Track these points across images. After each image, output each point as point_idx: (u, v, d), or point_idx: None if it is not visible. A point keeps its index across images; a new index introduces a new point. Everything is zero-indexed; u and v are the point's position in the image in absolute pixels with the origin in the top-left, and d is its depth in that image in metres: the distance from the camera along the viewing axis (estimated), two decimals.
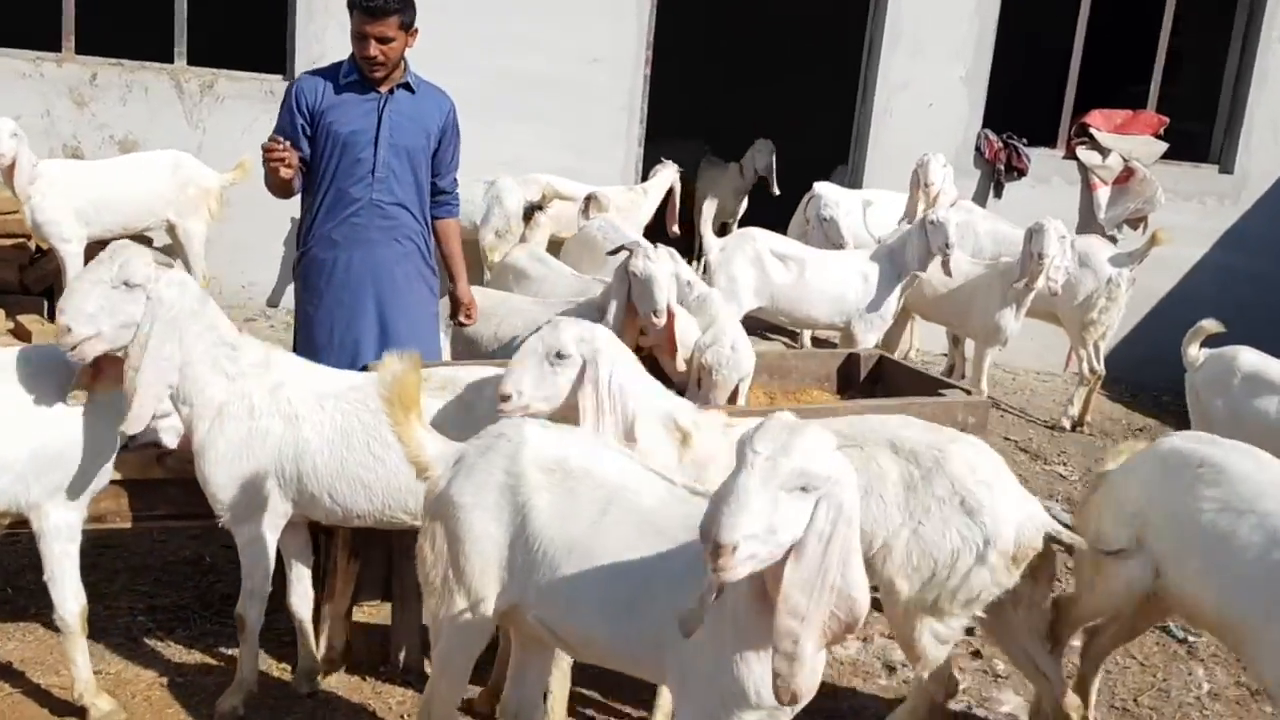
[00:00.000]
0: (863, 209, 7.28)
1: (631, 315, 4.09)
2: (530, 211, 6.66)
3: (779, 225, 6.94)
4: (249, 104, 6.94)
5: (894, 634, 3.27)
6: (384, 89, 3.84)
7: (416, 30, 3.84)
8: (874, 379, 4.48)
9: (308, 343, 3.96)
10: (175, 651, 3.57)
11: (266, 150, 3.67)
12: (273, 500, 3.14)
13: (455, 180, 4.20)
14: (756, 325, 6.35)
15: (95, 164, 6.41)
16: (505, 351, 4.33)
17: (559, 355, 2.94)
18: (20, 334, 5.71)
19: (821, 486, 1.98)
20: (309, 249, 3.94)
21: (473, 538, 2.48)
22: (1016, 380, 7.79)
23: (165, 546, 4.25)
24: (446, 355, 4.60)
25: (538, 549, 2.42)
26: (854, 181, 7.80)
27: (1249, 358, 4.49)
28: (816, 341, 7.38)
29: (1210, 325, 4.70)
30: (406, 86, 3.90)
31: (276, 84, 6.97)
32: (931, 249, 5.73)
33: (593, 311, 4.17)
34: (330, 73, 3.87)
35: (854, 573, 2.04)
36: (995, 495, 2.97)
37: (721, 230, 9.22)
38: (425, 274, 4.08)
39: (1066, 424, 6.64)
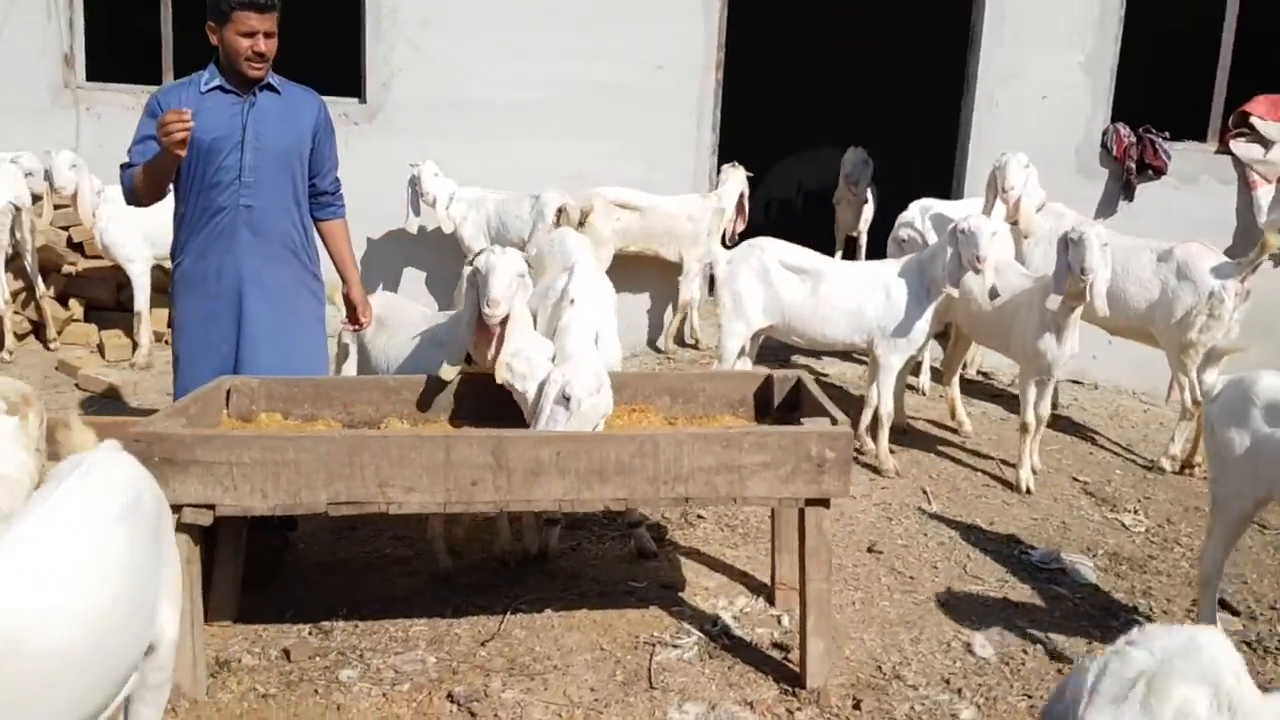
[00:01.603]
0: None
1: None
2: (578, 225, 6.51)
3: None
4: None
5: None
6: (247, 94, 3.83)
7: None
8: (791, 404, 3.96)
9: (182, 352, 4.00)
10: None
11: (169, 122, 3.50)
12: None
13: (337, 180, 4.14)
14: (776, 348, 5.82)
15: None
16: (411, 360, 4.21)
17: None
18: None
19: None
20: (181, 260, 3.98)
21: None
22: (1120, 405, 6.72)
23: None
24: (349, 357, 4.53)
25: None
26: (954, 190, 7.02)
27: (1271, 383, 3.57)
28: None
29: (1228, 345, 3.78)
30: (270, 89, 3.88)
31: (351, 106, 7.20)
32: (963, 262, 5.03)
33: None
34: (189, 84, 3.89)
35: None
36: None
37: (848, 247, 8.66)
38: (305, 278, 4.03)
39: (1167, 465, 5.60)
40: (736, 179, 7.05)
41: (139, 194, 3.87)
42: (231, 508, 3.16)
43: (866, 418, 5.52)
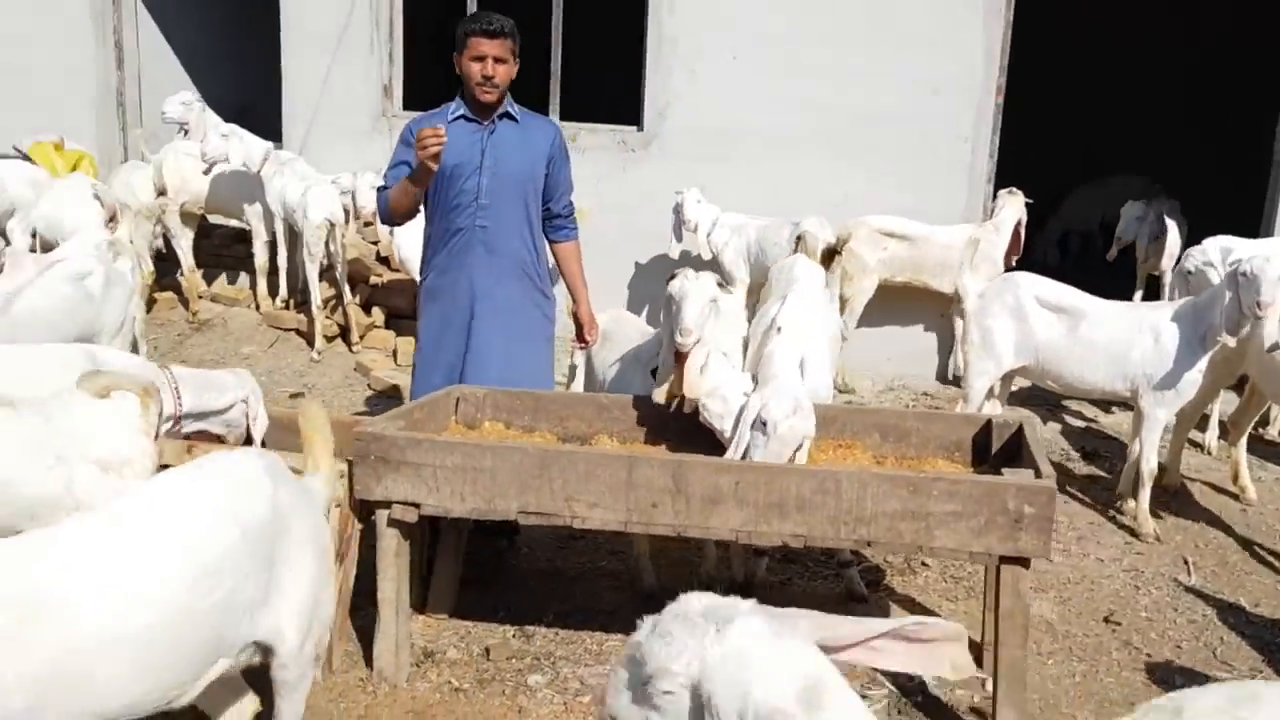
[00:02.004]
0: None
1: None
2: (829, 255, 6.43)
3: None
4: (605, 154, 7.54)
5: None
6: (487, 121, 4.11)
7: (518, 62, 4.08)
8: (1011, 453, 3.72)
9: (419, 360, 4.34)
10: None
11: (425, 137, 3.75)
12: None
13: (570, 204, 4.35)
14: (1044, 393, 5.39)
15: None
16: (617, 378, 4.35)
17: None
18: None
19: None
20: (426, 276, 4.32)
21: None
22: None
23: None
24: (577, 373, 4.70)
25: None
26: (1264, 226, 6.29)
27: None
28: None
29: None
30: (510, 117, 4.14)
31: (629, 135, 7.48)
32: (1243, 308, 4.53)
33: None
34: (438, 114, 4.21)
35: None
36: None
37: (1149, 286, 8.00)
38: (535, 296, 4.26)
39: None
40: (1014, 206, 6.69)
41: (393, 213, 4.20)
42: (434, 508, 3.39)
43: (1128, 474, 5.06)
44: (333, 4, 7.96)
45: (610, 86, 8.42)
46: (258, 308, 7.76)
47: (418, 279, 6.97)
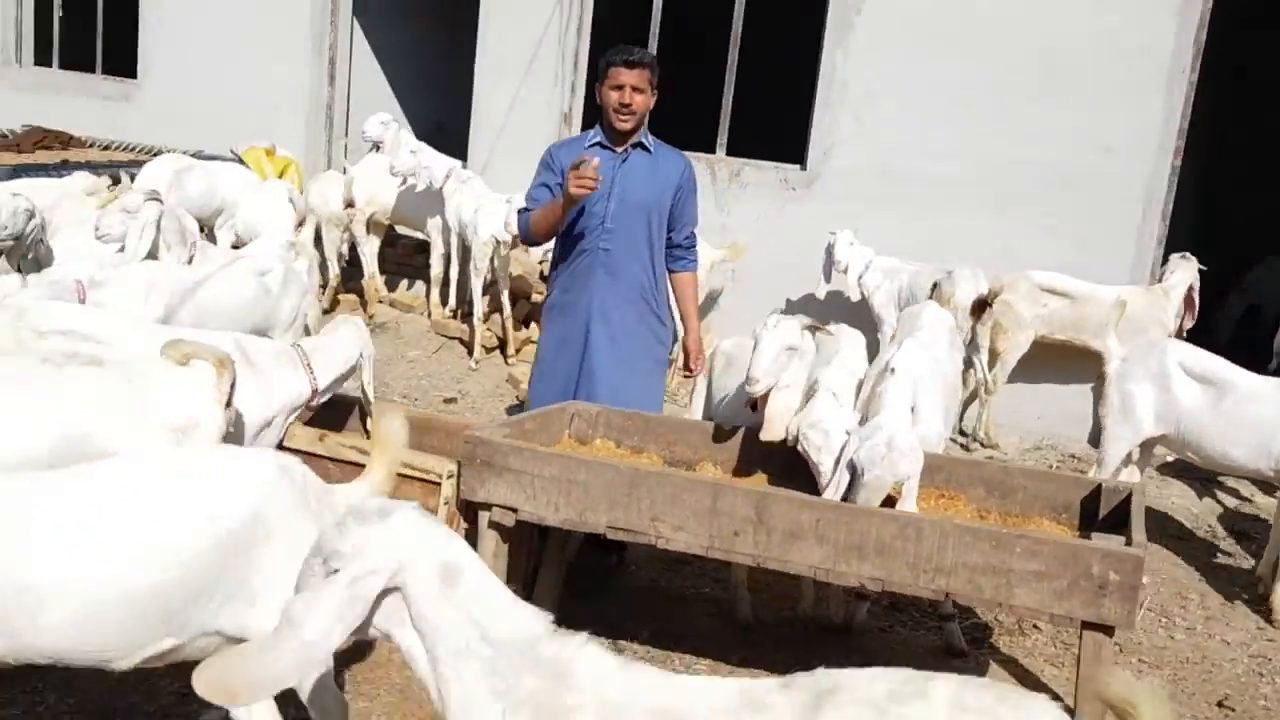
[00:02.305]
0: None
1: None
2: (980, 306, 6.34)
3: None
4: (767, 190, 7.65)
5: None
6: (621, 149, 4.30)
7: (656, 92, 4.27)
8: (1119, 519, 3.61)
9: (535, 374, 4.58)
10: None
11: (585, 175, 3.94)
12: None
13: (692, 235, 4.49)
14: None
15: None
16: (729, 405, 4.45)
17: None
18: None
19: None
20: (550, 293, 4.54)
21: None
22: None
23: None
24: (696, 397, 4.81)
25: None
26: None
27: None
28: None
29: None
30: (643, 147, 4.32)
31: (792, 173, 7.57)
32: None
33: None
34: (578, 140, 4.44)
35: None
36: None
37: None
38: (650, 320, 4.41)
39: None
40: (1185, 271, 6.42)
41: (533, 234, 4.43)
42: (530, 514, 3.57)
43: (1268, 556, 4.79)
44: (525, 35, 8.40)
45: (776, 123, 8.54)
46: (429, 315, 8.22)
47: None
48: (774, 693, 1.81)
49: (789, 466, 3.98)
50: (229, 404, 3.23)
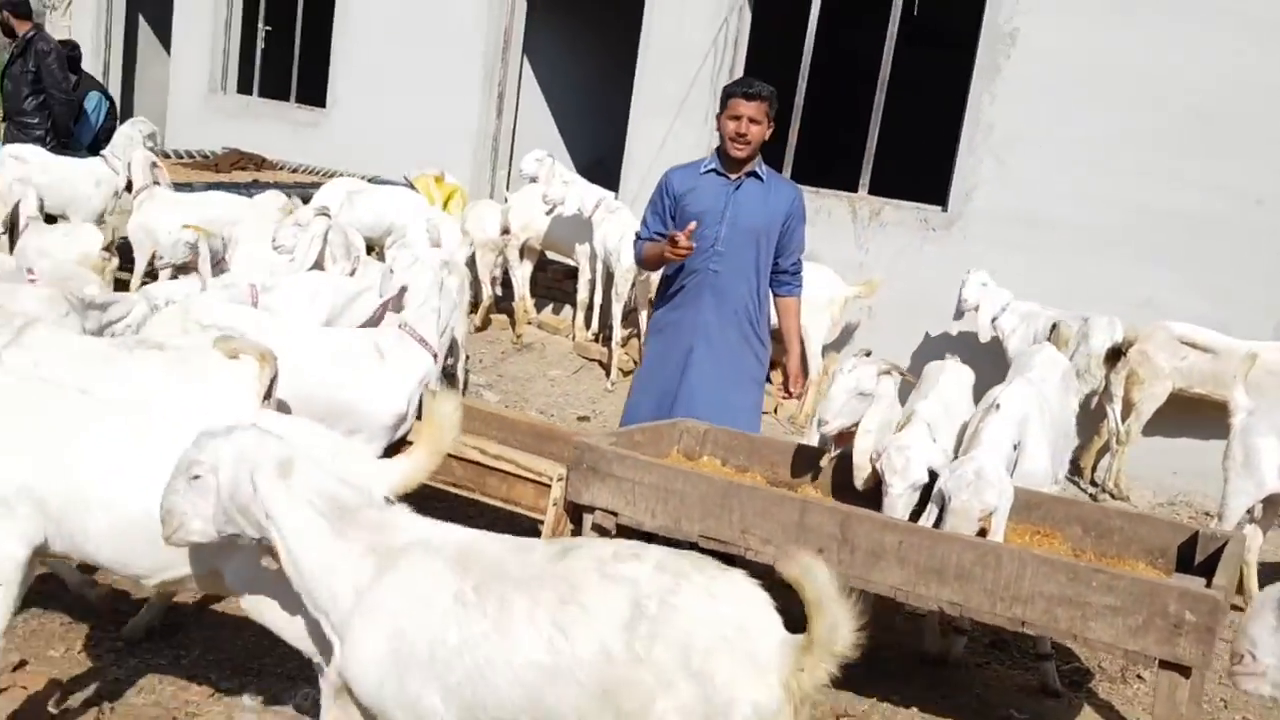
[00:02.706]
0: None
1: None
2: (1114, 355, 6.27)
3: None
4: (906, 230, 7.72)
5: None
6: (735, 177, 4.50)
7: (773, 123, 4.48)
8: (1211, 564, 3.60)
9: (634, 385, 4.83)
10: None
11: (681, 247, 4.30)
12: None
13: (799, 262, 4.65)
14: None
15: None
16: None
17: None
18: None
19: None
20: (657, 309, 4.78)
21: None
22: None
23: None
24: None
25: None
26: None
27: None
28: None
29: None
30: (756, 176, 4.52)
31: (932, 214, 7.62)
32: None
33: None
34: (693, 166, 4.67)
35: None
36: None
37: None
38: (752, 342, 4.59)
39: None
40: None
41: (644, 263, 4.76)
42: (629, 519, 3.81)
43: None
44: (679, 73, 8.74)
45: (919, 163, 8.60)
46: (573, 337, 8.60)
47: None
48: (538, 545, 2.45)
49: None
50: (269, 395, 3.58)
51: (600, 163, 10.58)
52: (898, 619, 4.41)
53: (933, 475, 3.82)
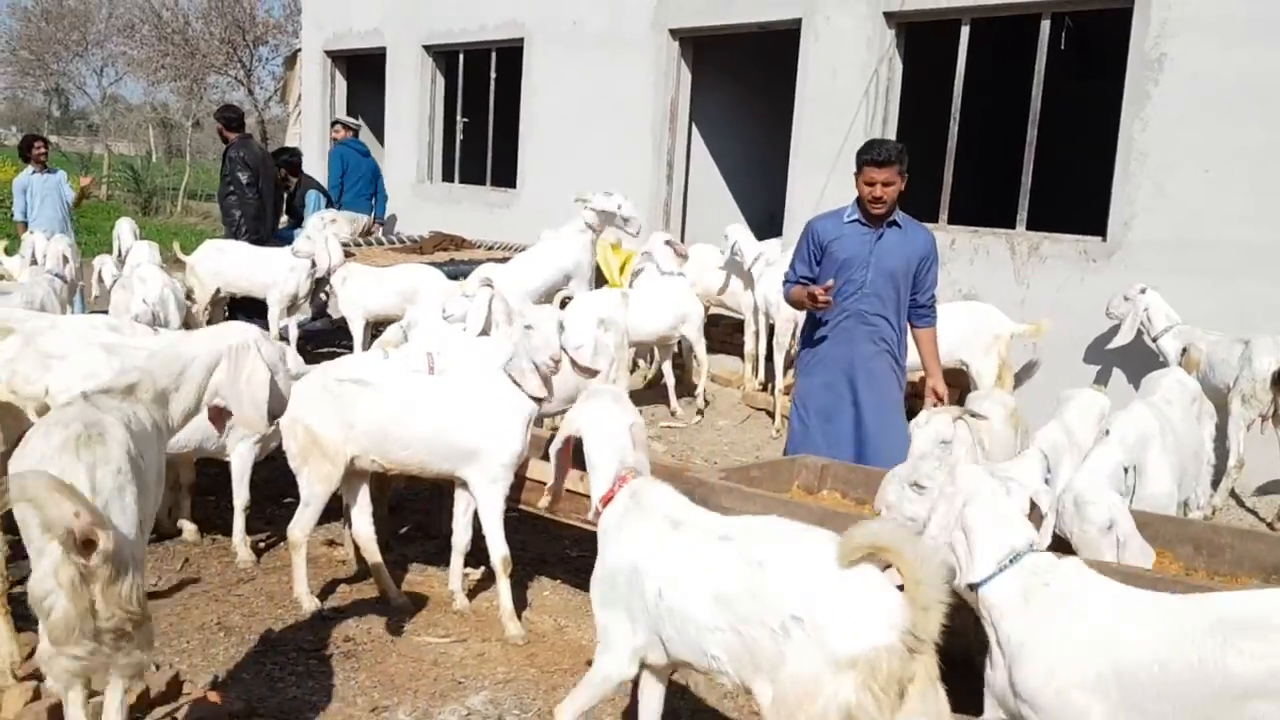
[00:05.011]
0: None
1: None
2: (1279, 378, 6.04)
3: None
4: (1066, 263, 7.63)
5: None
6: (876, 227, 4.90)
7: (906, 174, 4.82)
8: None
9: (800, 416, 5.16)
10: None
11: (820, 302, 4.84)
12: None
13: (933, 297, 5.04)
14: None
15: None
16: None
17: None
18: None
19: None
20: (807, 346, 5.16)
21: None
22: None
23: None
24: None
25: None
26: None
27: None
28: None
29: None
30: (895, 224, 4.91)
31: (1092, 245, 7.51)
32: None
33: None
34: (836, 214, 5.08)
35: None
36: None
37: None
38: (895, 370, 5.05)
39: None
40: None
41: (791, 304, 5.19)
42: None
43: None
44: (834, 127, 9.00)
45: (1075, 194, 8.47)
46: (742, 388, 8.91)
47: None
48: None
49: None
50: None
51: (772, 219, 10.92)
52: None
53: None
